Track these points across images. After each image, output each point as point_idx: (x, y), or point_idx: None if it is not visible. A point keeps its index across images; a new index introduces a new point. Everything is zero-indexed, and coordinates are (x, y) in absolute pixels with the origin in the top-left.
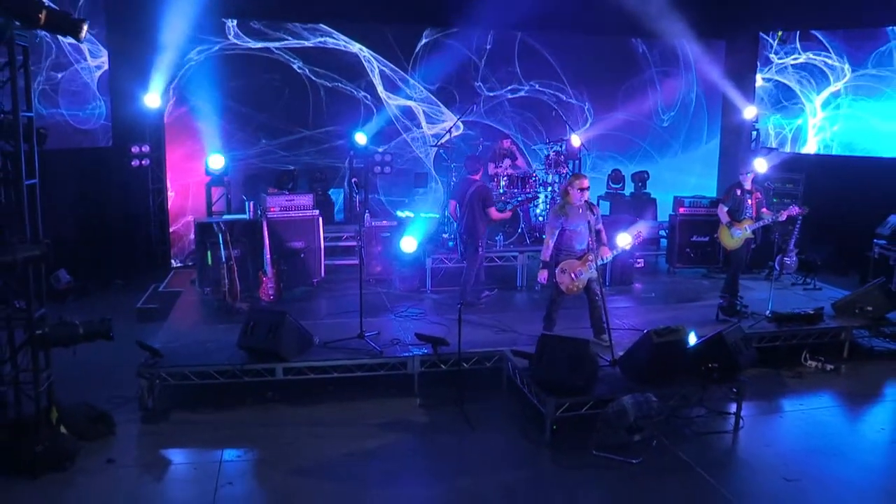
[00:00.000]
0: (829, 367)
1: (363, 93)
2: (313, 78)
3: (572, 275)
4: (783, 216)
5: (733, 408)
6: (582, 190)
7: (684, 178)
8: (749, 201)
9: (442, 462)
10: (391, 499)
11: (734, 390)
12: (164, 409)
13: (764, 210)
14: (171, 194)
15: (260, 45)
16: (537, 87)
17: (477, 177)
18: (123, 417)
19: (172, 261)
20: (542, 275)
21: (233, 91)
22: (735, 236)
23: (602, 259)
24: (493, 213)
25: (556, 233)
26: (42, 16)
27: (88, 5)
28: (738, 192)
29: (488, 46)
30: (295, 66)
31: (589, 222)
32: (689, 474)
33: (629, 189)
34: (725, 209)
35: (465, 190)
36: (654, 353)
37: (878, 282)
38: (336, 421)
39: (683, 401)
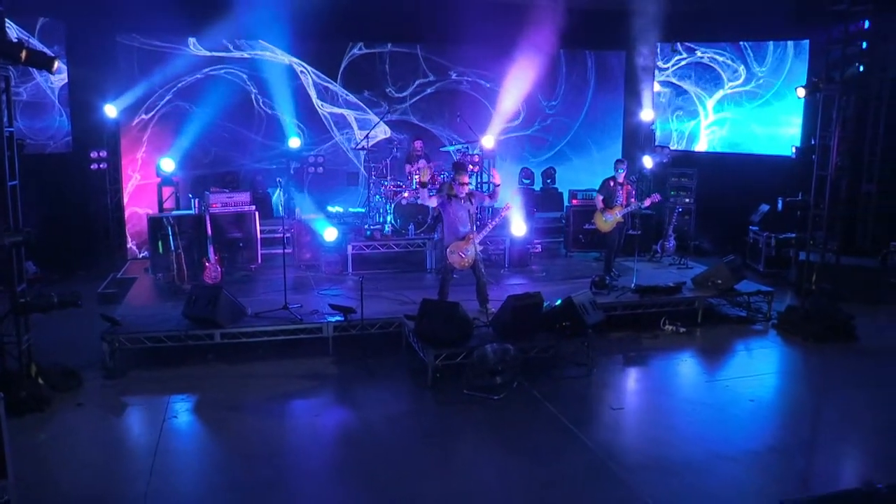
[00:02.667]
0: (682, 330)
1: (297, 121)
2: (262, 107)
3: (460, 254)
4: (646, 203)
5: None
6: (462, 184)
7: (599, 179)
8: (620, 192)
9: (345, 401)
10: (303, 426)
11: (585, 344)
12: (122, 368)
13: (632, 199)
14: (138, 176)
15: (212, 54)
16: (454, 76)
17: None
18: (89, 375)
19: (129, 239)
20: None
21: (191, 103)
22: (607, 220)
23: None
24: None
25: (437, 202)
26: (23, 55)
27: (49, 24)
28: (612, 183)
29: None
30: (252, 94)
31: (469, 210)
32: (539, 406)
33: (538, 184)
34: (601, 198)
35: None
36: (514, 314)
37: (727, 259)
38: (264, 374)
39: (543, 352)
